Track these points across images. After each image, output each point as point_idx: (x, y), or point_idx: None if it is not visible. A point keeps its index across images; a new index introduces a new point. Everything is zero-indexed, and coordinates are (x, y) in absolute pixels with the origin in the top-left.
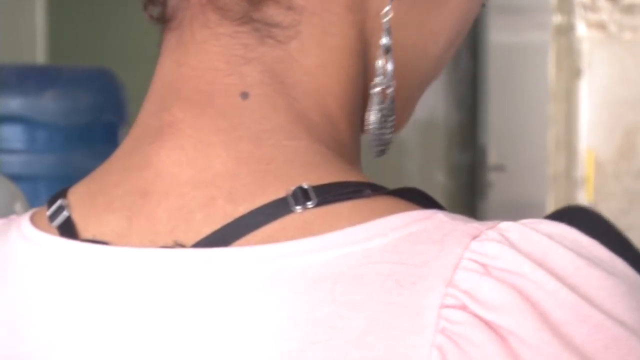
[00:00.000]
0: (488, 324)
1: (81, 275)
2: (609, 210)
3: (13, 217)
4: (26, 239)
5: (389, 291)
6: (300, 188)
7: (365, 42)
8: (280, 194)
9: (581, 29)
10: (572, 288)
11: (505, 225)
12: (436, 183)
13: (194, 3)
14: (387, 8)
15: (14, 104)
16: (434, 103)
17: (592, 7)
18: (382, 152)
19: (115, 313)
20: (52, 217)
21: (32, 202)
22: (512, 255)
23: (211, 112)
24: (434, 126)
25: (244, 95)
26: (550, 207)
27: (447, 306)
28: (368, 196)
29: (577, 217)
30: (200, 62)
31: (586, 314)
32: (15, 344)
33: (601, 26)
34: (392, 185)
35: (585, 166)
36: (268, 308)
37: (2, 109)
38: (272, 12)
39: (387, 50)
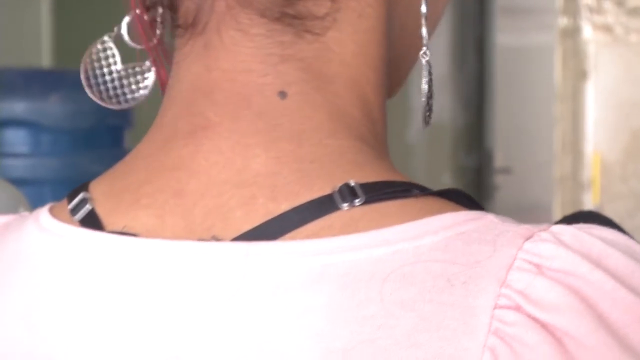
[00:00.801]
0: (543, 325)
1: (109, 267)
2: (615, 212)
3: (25, 213)
4: (46, 231)
5: (440, 290)
6: (347, 185)
7: (389, 19)
8: (325, 191)
9: (587, 31)
10: (630, 289)
11: (558, 228)
12: (443, 185)
13: (219, 7)
14: None
15: (18, 107)
16: (440, 105)
17: (598, 10)
18: (429, 122)
19: (147, 308)
20: (74, 210)
21: (36, 205)
22: (568, 256)
23: (248, 114)
24: (441, 128)
25: (282, 95)
26: (557, 210)
27: (501, 307)
28: (416, 196)
29: (590, 220)
30: (232, 65)
31: None
32: (36, 340)
33: (607, 28)
34: None
35: (591, 168)
36: (313, 305)
37: (7, 112)
38: (310, 4)
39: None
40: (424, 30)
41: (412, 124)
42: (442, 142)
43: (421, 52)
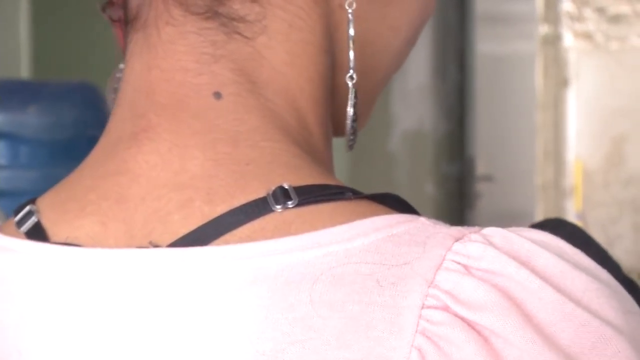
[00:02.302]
0: (470, 324)
1: (54, 277)
2: (598, 220)
3: None
4: None
5: (369, 291)
6: (281, 188)
7: (330, 36)
8: (260, 194)
9: (568, 39)
10: (557, 288)
11: (489, 230)
12: (425, 193)
13: (156, 2)
14: None
15: None
16: (421, 114)
17: (579, 18)
18: (353, 146)
19: (90, 315)
20: (20, 223)
21: None
22: (495, 256)
23: (185, 115)
24: (422, 137)
25: (217, 95)
26: (539, 217)
27: (428, 307)
28: (349, 199)
29: (558, 228)
30: (169, 64)
31: (572, 313)
32: None
33: (588, 36)
34: None
35: (573, 176)
36: (246, 307)
37: None
38: (237, 6)
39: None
40: (351, 54)
41: (394, 133)
42: (424, 150)
43: (347, 75)
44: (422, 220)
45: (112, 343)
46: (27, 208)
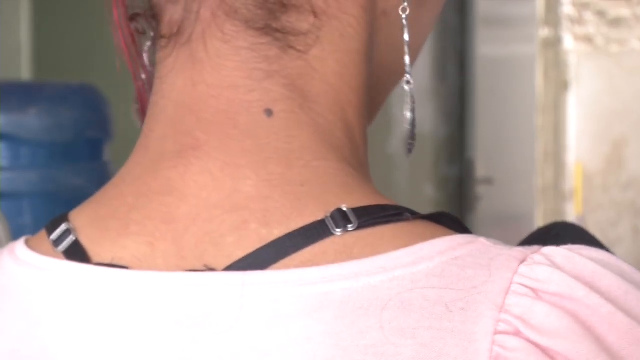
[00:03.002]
0: (544, 350)
1: (99, 302)
2: (597, 222)
3: None
4: (25, 265)
5: (439, 317)
6: (339, 210)
7: (372, 43)
8: (317, 216)
9: (568, 42)
10: (626, 312)
11: (549, 250)
12: (425, 195)
13: (205, 16)
14: (405, 4)
15: None
16: (422, 117)
17: (579, 20)
18: (412, 149)
19: (142, 344)
20: (57, 242)
21: (15, 219)
22: (564, 279)
23: (235, 133)
24: (423, 139)
25: (268, 113)
26: (539, 220)
27: (500, 332)
28: (407, 220)
29: (566, 231)
30: (217, 80)
31: None
32: None
33: (588, 39)
34: None
35: (573, 178)
36: (313, 333)
37: None
38: (294, 20)
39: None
40: (407, 59)
41: (394, 135)
42: (424, 152)
43: (404, 79)
44: (482, 240)
45: None
46: (63, 226)
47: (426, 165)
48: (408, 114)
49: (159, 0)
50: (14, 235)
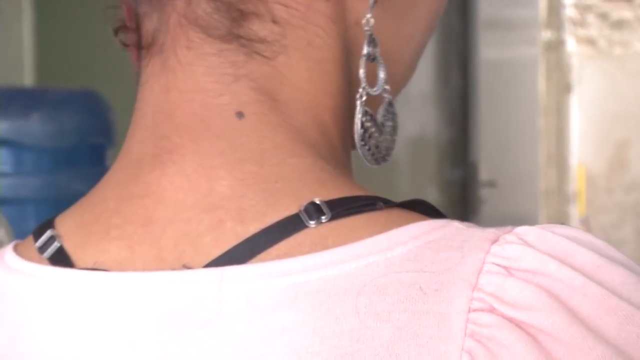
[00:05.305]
0: (517, 324)
1: (83, 304)
2: (601, 225)
3: None
4: (13, 272)
5: (414, 300)
6: (312, 203)
7: (347, 52)
8: (292, 211)
9: (571, 45)
10: (599, 283)
11: (522, 229)
12: (428, 199)
13: (173, 25)
14: (368, 16)
15: None
16: (424, 120)
17: (582, 23)
18: (378, 161)
19: (122, 342)
20: (42, 249)
21: (19, 225)
22: (535, 256)
23: (208, 135)
24: (425, 143)
25: (239, 115)
26: (543, 222)
27: (475, 310)
28: (381, 209)
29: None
30: (188, 85)
31: (616, 307)
32: None
33: (591, 41)
34: None
35: (576, 181)
36: (291, 323)
37: None
38: (256, 27)
39: (373, 58)
40: (361, 72)
41: (396, 139)
42: (427, 156)
43: (357, 94)
44: (455, 224)
45: None
46: (48, 233)
47: (429, 169)
48: (357, 125)
49: (139, 13)
50: None
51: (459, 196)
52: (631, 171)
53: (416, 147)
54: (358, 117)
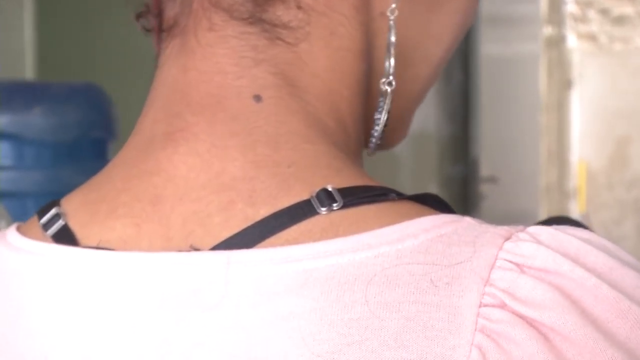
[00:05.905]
0: (529, 322)
1: (86, 283)
2: (601, 221)
3: None
4: (15, 250)
5: (424, 291)
6: (325, 190)
7: (369, 44)
8: (303, 196)
9: (572, 41)
10: (611, 285)
11: (534, 229)
12: None
13: (196, 8)
14: (393, 6)
15: (1, 120)
16: (425, 116)
17: (583, 19)
18: (377, 150)
19: (127, 321)
20: (46, 226)
21: (20, 218)
22: (549, 254)
23: (223, 116)
24: (427, 139)
25: (257, 98)
26: (543, 218)
27: (486, 305)
28: (393, 200)
29: (561, 222)
30: (207, 66)
31: (627, 310)
32: (14, 356)
33: (592, 37)
34: None
35: (577, 177)
36: (298, 309)
37: None
38: (280, 12)
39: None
40: (392, 60)
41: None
42: (428, 152)
43: (383, 80)
44: (467, 220)
45: (152, 350)
46: (53, 210)
47: (430, 165)
48: (384, 116)
49: None
50: None
51: (460, 192)
52: (632, 167)
53: (417, 143)
54: (387, 106)
